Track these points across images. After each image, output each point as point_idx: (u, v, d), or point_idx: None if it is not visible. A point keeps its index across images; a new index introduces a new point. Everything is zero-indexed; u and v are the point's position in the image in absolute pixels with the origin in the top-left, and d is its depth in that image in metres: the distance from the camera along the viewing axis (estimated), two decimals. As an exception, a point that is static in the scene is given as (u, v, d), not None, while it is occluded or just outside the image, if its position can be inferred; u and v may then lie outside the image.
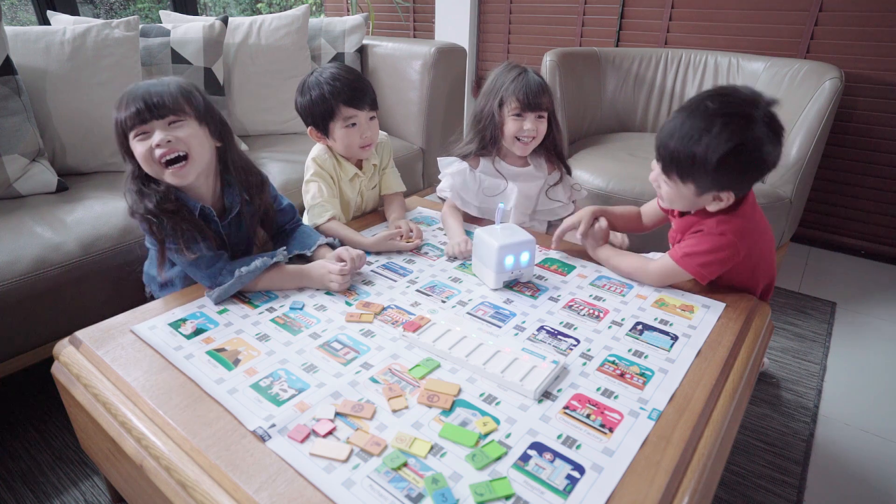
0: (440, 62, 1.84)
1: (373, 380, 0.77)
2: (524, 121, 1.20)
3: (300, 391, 0.75)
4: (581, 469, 0.63)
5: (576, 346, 0.85)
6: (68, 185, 1.35)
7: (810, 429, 1.18)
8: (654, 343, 0.86)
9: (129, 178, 0.95)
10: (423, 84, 1.86)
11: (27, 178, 1.29)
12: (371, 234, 1.21)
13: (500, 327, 0.90)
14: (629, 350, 0.85)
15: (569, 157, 1.68)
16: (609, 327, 0.90)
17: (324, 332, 0.88)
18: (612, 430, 0.69)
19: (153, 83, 0.91)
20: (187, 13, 2.17)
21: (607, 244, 1.11)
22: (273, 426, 0.68)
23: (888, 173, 1.86)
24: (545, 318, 0.92)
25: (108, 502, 1.00)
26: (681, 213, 1.03)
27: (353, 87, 1.17)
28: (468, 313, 0.94)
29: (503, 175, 1.28)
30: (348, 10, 2.94)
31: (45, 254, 1.08)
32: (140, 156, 0.90)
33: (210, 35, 1.64)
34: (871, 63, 1.79)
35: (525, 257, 1.00)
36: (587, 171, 1.63)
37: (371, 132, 1.21)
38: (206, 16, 2.08)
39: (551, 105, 1.23)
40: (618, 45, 2.27)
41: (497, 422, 0.70)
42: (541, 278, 1.05)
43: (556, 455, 0.65)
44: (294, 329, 0.89)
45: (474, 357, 0.80)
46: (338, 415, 0.71)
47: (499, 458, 0.64)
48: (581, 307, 0.96)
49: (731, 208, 0.95)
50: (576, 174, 1.60)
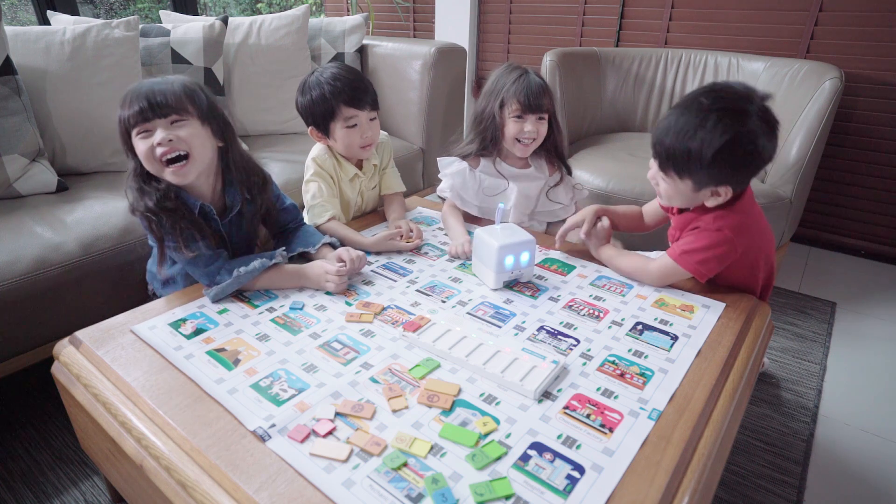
0: (440, 62, 1.84)
1: (373, 380, 0.77)
2: (525, 122, 1.20)
3: (300, 391, 0.75)
4: (581, 469, 0.63)
5: (576, 346, 0.85)
6: (68, 185, 1.35)
7: (810, 429, 1.18)
8: (654, 343, 0.86)
9: (130, 175, 0.96)
10: (423, 84, 1.86)
11: (27, 178, 1.29)
12: (371, 234, 1.21)
13: (500, 327, 0.90)
14: (629, 350, 0.85)
15: (569, 157, 1.68)
16: (609, 327, 0.90)
17: (324, 332, 0.88)
18: (612, 430, 0.69)
19: (157, 81, 0.92)
20: (187, 13, 2.17)
21: (609, 244, 1.11)
22: (273, 426, 0.68)
23: (888, 173, 1.86)
24: (545, 318, 0.92)
25: (108, 502, 1.00)
26: (679, 210, 1.04)
27: (354, 87, 1.16)
28: (468, 313, 0.94)
29: (504, 176, 1.28)
30: (348, 10, 2.94)
31: (45, 254, 1.08)
32: (142, 153, 0.91)
33: (210, 35, 1.64)
34: (871, 63, 1.79)
35: (525, 257, 1.00)
36: (587, 171, 1.63)
37: (372, 132, 1.21)
38: (206, 16, 2.08)
39: (552, 107, 1.22)
40: (618, 45, 2.27)
41: (497, 422, 0.70)
42: (541, 278, 1.05)
43: (556, 455, 0.65)
44: (294, 329, 0.89)
45: (474, 357, 0.80)
46: (338, 415, 0.71)
47: (499, 458, 0.64)
48: (581, 307, 0.96)
49: (729, 204, 0.95)
50: (576, 174, 1.60)
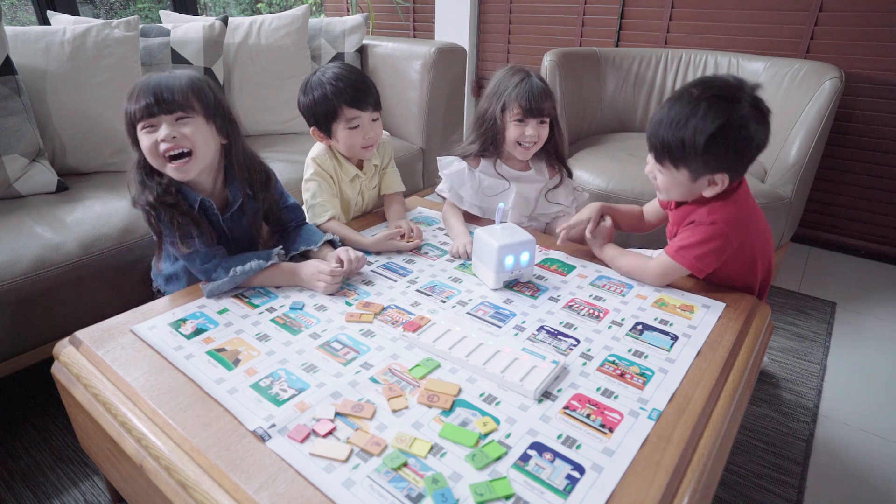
0: (440, 62, 1.84)
1: (373, 380, 0.77)
2: (526, 126, 1.19)
3: (300, 391, 0.75)
4: (581, 469, 0.63)
5: (576, 346, 0.85)
6: (68, 185, 1.35)
7: (810, 429, 1.18)
8: (654, 343, 0.86)
9: (133, 168, 0.97)
10: (423, 84, 1.86)
11: (27, 178, 1.29)
12: (371, 234, 1.21)
13: (500, 327, 0.90)
14: (629, 350, 0.85)
15: (569, 157, 1.68)
16: (609, 327, 0.90)
17: (324, 332, 0.88)
18: (612, 430, 0.69)
19: (165, 77, 0.92)
20: (187, 13, 2.17)
21: (612, 244, 1.11)
22: (273, 426, 0.68)
23: (888, 173, 1.86)
24: (545, 318, 0.92)
25: (108, 502, 1.00)
26: (676, 205, 1.04)
27: (357, 88, 1.15)
28: (468, 313, 0.94)
29: (503, 177, 1.28)
30: (348, 10, 2.94)
31: (45, 254, 1.08)
32: (145, 148, 0.92)
33: (210, 35, 1.64)
34: (871, 63, 1.79)
35: (525, 257, 1.00)
36: (587, 172, 1.63)
37: (374, 133, 1.20)
38: (206, 16, 2.08)
39: (554, 110, 1.22)
40: (618, 45, 2.27)
41: (497, 422, 0.70)
42: (541, 278, 1.05)
43: (556, 455, 0.65)
44: (294, 329, 0.89)
45: (474, 357, 0.80)
46: (338, 415, 0.71)
47: (499, 458, 0.64)
48: (581, 307, 0.96)
49: (724, 196, 0.96)
50: (576, 174, 1.60)
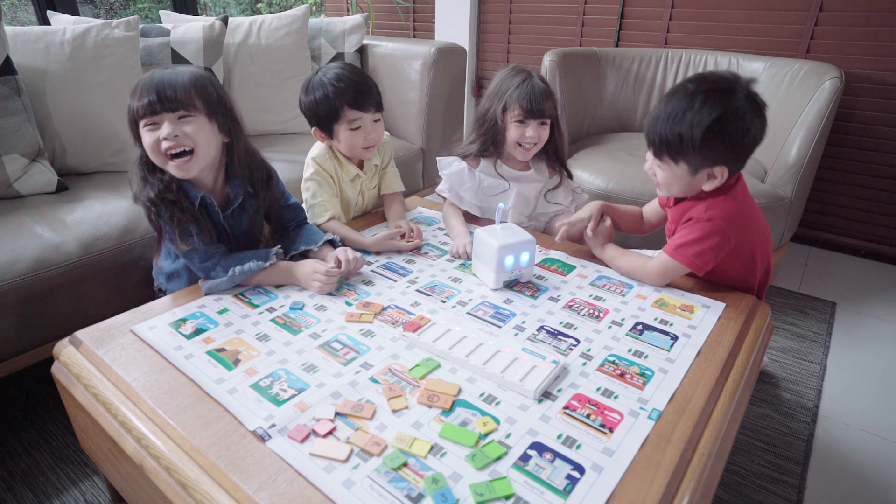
0: (440, 62, 1.84)
1: (373, 380, 0.77)
2: (527, 128, 1.19)
3: (300, 391, 0.75)
4: (581, 469, 0.63)
5: (576, 346, 0.85)
6: (68, 185, 1.35)
7: (810, 429, 1.18)
8: (654, 343, 0.86)
9: (136, 163, 0.98)
10: (423, 84, 1.85)
11: (27, 178, 1.29)
12: (371, 233, 1.21)
13: (500, 327, 0.90)
14: (629, 350, 0.85)
15: (569, 157, 1.68)
16: (609, 327, 0.90)
17: (324, 332, 0.88)
18: (612, 430, 0.69)
19: (168, 74, 0.93)
20: (187, 13, 2.17)
21: (612, 244, 1.11)
22: (273, 426, 0.68)
23: (888, 173, 1.86)
24: (545, 318, 0.92)
25: (108, 502, 1.00)
26: (675, 202, 1.04)
27: (359, 89, 1.15)
28: (468, 313, 0.94)
29: (503, 178, 1.28)
30: (348, 10, 2.94)
31: (45, 254, 1.08)
32: (147, 145, 0.93)
33: (210, 35, 1.64)
34: (871, 63, 1.79)
35: (525, 257, 1.00)
36: (587, 172, 1.63)
37: (376, 134, 1.20)
38: (206, 16, 2.08)
39: (555, 112, 1.22)
40: (618, 45, 2.27)
41: (497, 422, 0.70)
42: (541, 278, 1.05)
43: (556, 455, 0.65)
44: (294, 329, 0.89)
45: (474, 357, 0.80)
46: (338, 415, 0.71)
47: (499, 458, 0.64)
48: (581, 307, 0.96)
49: (722, 193, 0.96)
50: (576, 174, 1.60)
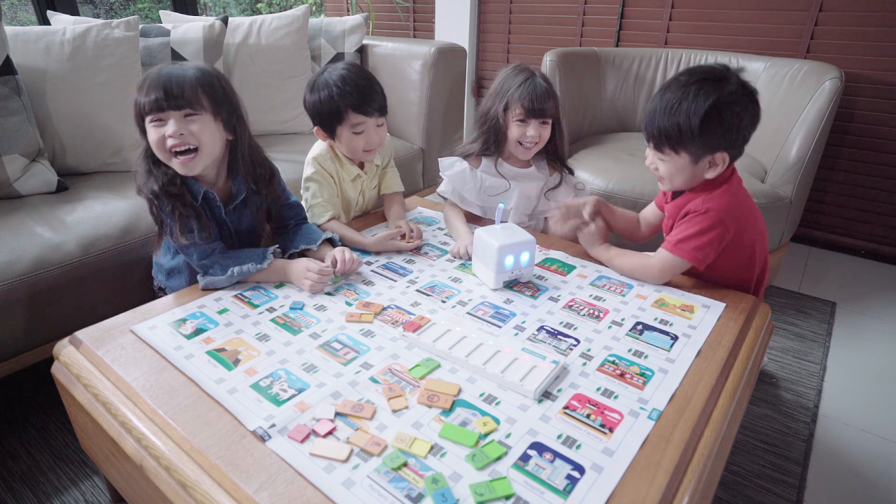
0: (440, 62, 1.84)
1: (373, 380, 0.77)
2: (528, 127, 1.19)
3: (300, 391, 0.75)
4: (581, 469, 0.63)
5: (576, 346, 0.85)
6: (68, 185, 1.35)
7: (810, 429, 1.18)
8: (654, 343, 0.86)
9: (141, 156, 0.99)
10: (423, 84, 1.85)
11: (27, 178, 1.29)
12: (371, 234, 1.21)
13: (500, 327, 0.90)
14: (629, 350, 0.85)
15: (569, 157, 1.67)
16: (609, 327, 0.90)
17: (324, 332, 0.88)
18: (612, 430, 0.69)
19: (176, 70, 0.93)
20: (187, 13, 2.17)
21: (608, 244, 1.11)
22: (273, 426, 0.68)
23: (888, 173, 1.86)
24: (545, 318, 0.92)
25: (108, 502, 1.00)
26: (673, 196, 1.05)
27: (363, 93, 1.14)
28: (468, 313, 0.94)
29: (505, 177, 1.28)
30: (348, 10, 2.94)
31: (45, 254, 1.08)
32: (152, 141, 0.93)
33: (210, 35, 1.64)
34: (871, 63, 1.79)
35: (525, 257, 1.00)
36: (587, 172, 1.63)
37: (378, 138, 1.19)
38: (206, 16, 2.08)
39: (556, 111, 1.21)
40: (618, 45, 2.27)
41: (497, 422, 0.70)
42: (541, 278, 1.05)
43: (556, 455, 0.65)
44: (294, 329, 0.89)
45: (474, 357, 0.80)
46: (338, 415, 0.71)
47: (499, 458, 0.64)
48: (581, 307, 0.96)
49: (717, 186, 0.98)
50: (576, 174, 1.59)
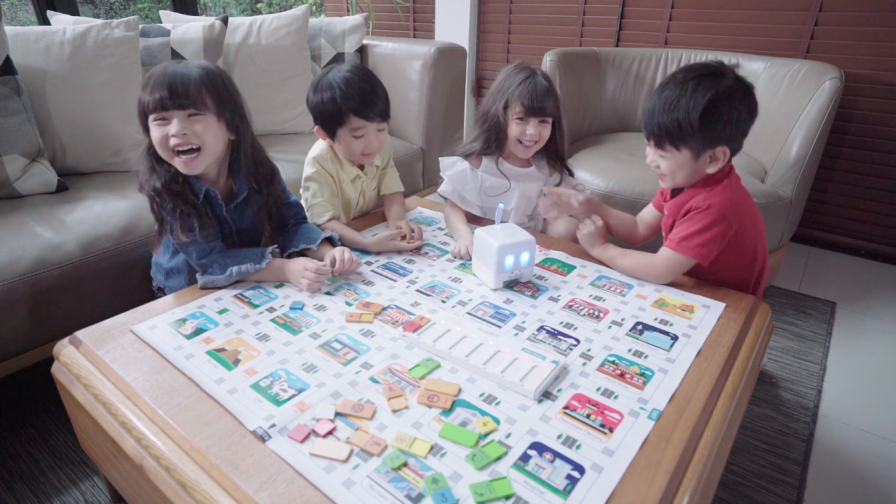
0: (440, 62, 1.84)
1: (373, 380, 0.77)
2: (527, 125, 1.19)
3: (300, 391, 0.75)
4: (581, 469, 0.63)
5: (576, 346, 0.85)
6: (68, 185, 1.35)
7: (810, 429, 1.18)
8: (654, 343, 0.86)
9: (143, 153, 0.99)
10: (423, 84, 1.85)
11: (27, 178, 1.29)
12: (372, 234, 1.21)
13: (500, 327, 0.90)
14: (629, 350, 0.85)
15: (569, 157, 1.67)
16: (609, 327, 0.90)
17: (324, 332, 0.88)
18: (612, 430, 0.69)
19: (181, 69, 0.93)
20: (187, 13, 2.17)
21: (609, 244, 1.11)
22: (273, 426, 0.68)
23: (888, 173, 1.86)
24: (545, 318, 0.92)
25: (108, 502, 1.00)
26: (672, 194, 1.06)
27: (365, 97, 1.13)
28: (468, 313, 0.94)
29: (506, 176, 1.28)
30: (348, 10, 2.94)
31: (45, 254, 1.08)
32: (155, 140, 0.94)
33: (210, 35, 1.64)
34: (871, 63, 1.79)
35: (525, 257, 1.00)
36: (587, 172, 1.63)
37: (378, 142, 1.19)
38: (206, 16, 2.08)
39: (557, 110, 1.21)
40: (618, 45, 2.27)
41: (497, 422, 0.70)
42: (541, 278, 1.05)
43: (556, 455, 0.65)
44: (294, 329, 0.89)
45: (474, 357, 0.80)
46: (338, 415, 0.71)
47: (499, 458, 0.64)
48: (581, 307, 0.96)
49: (716, 182, 0.98)
50: (576, 174, 1.59)
